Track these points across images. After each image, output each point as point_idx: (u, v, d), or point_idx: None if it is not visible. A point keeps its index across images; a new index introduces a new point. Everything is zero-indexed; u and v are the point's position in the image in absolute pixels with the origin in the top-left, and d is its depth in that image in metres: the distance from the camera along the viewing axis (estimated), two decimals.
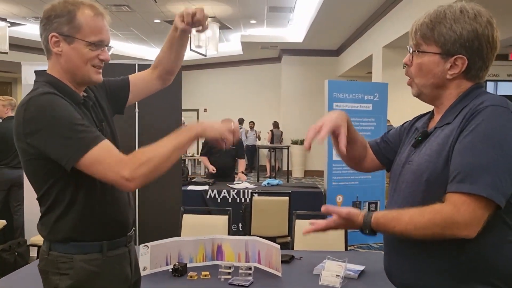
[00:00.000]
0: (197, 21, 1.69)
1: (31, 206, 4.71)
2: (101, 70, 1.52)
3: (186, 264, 2.40)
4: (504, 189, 1.13)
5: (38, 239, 4.07)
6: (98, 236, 1.47)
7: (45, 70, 1.50)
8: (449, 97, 1.34)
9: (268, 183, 5.87)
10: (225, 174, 6.00)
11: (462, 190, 1.13)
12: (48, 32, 1.43)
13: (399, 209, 1.31)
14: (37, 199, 1.46)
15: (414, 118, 1.57)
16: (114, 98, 1.73)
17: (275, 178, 11.42)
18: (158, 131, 4.46)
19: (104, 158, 1.33)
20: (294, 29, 11.30)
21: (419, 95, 1.40)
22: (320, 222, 1.38)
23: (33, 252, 4.36)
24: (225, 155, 5.89)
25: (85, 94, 1.56)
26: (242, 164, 6.20)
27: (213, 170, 5.91)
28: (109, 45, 1.52)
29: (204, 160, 6.09)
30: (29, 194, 4.72)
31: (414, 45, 1.35)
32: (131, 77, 1.81)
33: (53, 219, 1.43)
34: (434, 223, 1.16)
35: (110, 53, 1.52)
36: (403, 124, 1.61)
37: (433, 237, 1.18)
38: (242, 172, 6.14)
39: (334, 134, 1.44)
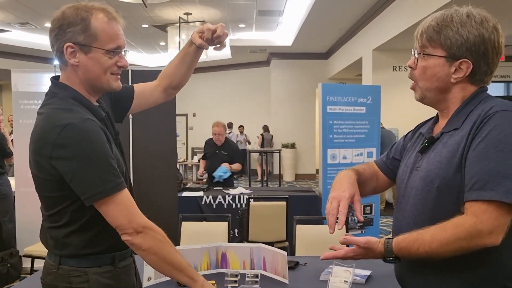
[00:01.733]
0: (216, 38, 1.64)
1: (23, 217, 4.62)
2: (119, 77, 1.47)
3: None
4: None
5: (32, 249, 3.99)
6: (111, 248, 1.43)
7: (55, 79, 1.45)
8: (454, 100, 1.33)
9: (219, 176, 5.66)
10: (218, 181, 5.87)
11: (483, 198, 1.13)
12: (62, 43, 1.36)
13: (410, 214, 1.30)
14: (48, 215, 1.41)
15: (417, 126, 1.56)
16: (117, 106, 1.68)
17: (266, 182, 11.46)
18: (151, 136, 4.45)
19: (126, 204, 1.33)
20: (283, 33, 11.32)
21: (422, 99, 1.38)
22: (339, 252, 1.35)
23: (26, 263, 4.26)
24: (218, 160, 5.80)
25: (97, 104, 1.51)
26: (235, 165, 5.98)
27: (201, 173, 5.83)
28: (126, 49, 1.47)
29: (201, 163, 6.06)
30: (21, 204, 4.63)
31: (419, 47, 1.35)
32: (136, 86, 1.76)
33: (65, 233, 1.39)
34: (458, 237, 1.15)
35: (126, 57, 1.47)
36: (406, 135, 1.60)
37: (461, 252, 1.16)
38: (231, 168, 5.81)
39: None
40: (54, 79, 1.45)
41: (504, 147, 1.14)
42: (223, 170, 5.67)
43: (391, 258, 1.26)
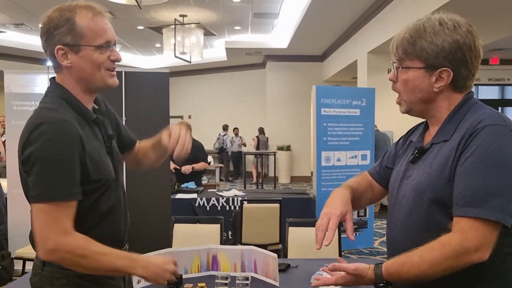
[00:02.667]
0: (180, 142, 1.56)
1: (15, 218, 4.59)
2: (115, 73, 1.46)
3: (182, 275, 2.33)
4: (510, 209, 1.12)
5: (24, 251, 3.97)
6: None
7: (54, 79, 1.45)
8: (440, 109, 1.33)
9: (186, 186, 5.72)
10: (186, 179, 5.85)
11: (469, 215, 1.13)
12: (52, 46, 1.37)
13: (403, 223, 1.31)
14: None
15: (408, 131, 1.55)
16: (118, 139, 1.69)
17: (261, 184, 11.45)
18: (145, 138, 4.42)
19: (55, 218, 1.27)
20: (279, 35, 11.33)
21: (408, 112, 1.39)
22: (329, 279, 1.33)
23: (18, 265, 4.24)
24: (184, 161, 5.73)
25: (96, 107, 1.52)
26: (200, 164, 5.94)
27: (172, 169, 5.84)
28: (116, 43, 1.46)
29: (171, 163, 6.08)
30: (13, 206, 4.60)
31: (397, 60, 1.34)
32: (138, 143, 1.80)
33: None
34: (446, 256, 1.15)
35: (118, 50, 1.46)
36: (397, 141, 1.60)
37: (450, 271, 1.16)
38: (194, 168, 5.83)
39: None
40: (52, 79, 1.45)
41: (491, 163, 1.14)
42: (190, 184, 5.74)
43: (382, 284, 1.25)
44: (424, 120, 1.45)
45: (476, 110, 1.27)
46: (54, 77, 1.46)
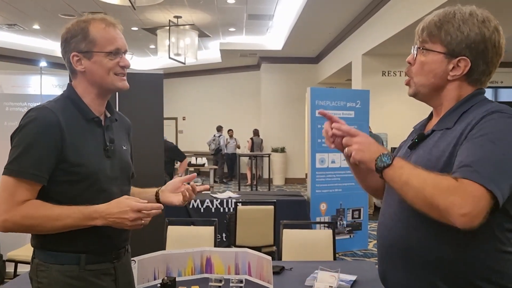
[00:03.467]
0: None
1: None
2: (125, 78, 1.59)
3: (175, 278, 2.32)
4: (505, 189, 1.10)
5: (15, 254, 3.94)
6: (77, 248, 1.47)
7: (70, 84, 1.59)
8: (448, 98, 1.32)
9: None
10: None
11: (470, 177, 1.08)
12: (68, 54, 1.52)
13: (396, 210, 1.30)
14: None
15: (414, 126, 1.54)
16: None
17: (256, 186, 11.43)
18: (138, 140, 4.40)
19: (11, 192, 1.38)
20: (273, 37, 11.33)
21: (415, 95, 1.38)
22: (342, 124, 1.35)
23: (10, 268, 4.19)
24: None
25: (109, 115, 1.64)
26: (184, 164, 6.09)
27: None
28: (128, 52, 1.59)
29: None
30: None
31: (419, 42, 1.34)
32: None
33: None
34: (437, 183, 1.10)
35: (130, 59, 1.60)
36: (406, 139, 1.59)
37: (429, 204, 1.11)
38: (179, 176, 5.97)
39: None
40: (69, 84, 1.60)
41: (497, 139, 1.13)
42: None
43: (385, 158, 1.19)
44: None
45: (483, 104, 1.27)
46: (69, 84, 1.60)
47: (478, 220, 1.07)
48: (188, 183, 1.76)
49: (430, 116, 1.43)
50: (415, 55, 1.35)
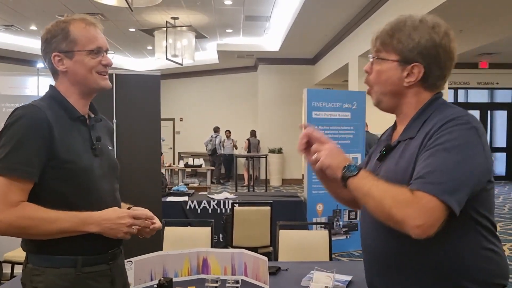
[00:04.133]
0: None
1: None
2: (107, 76, 1.58)
3: (172, 278, 2.33)
4: (460, 198, 1.15)
5: (12, 255, 3.93)
6: (73, 251, 1.44)
7: (52, 85, 1.57)
8: (408, 105, 1.36)
9: (177, 189, 5.79)
10: None
11: (424, 189, 1.14)
12: (49, 54, 1.51)
13: (372, 220, 1.31)
14: None
15: (381, 135, 1.59)
16: None
17: (253, 187, 11.45)
18: (136, 141, 4.43)
19: (3, 191, 1.34)
20: (270, 38, 11.36)
21: (378, 104, 1.42)
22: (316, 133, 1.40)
23: (7, 269, 4.19)
24: None
25: (92, 115, 1.62)
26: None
27: None
28: (109, 50, 1.58)
29: None
30: None
31: (374, 52, 1.38)
32: None
33: None
34: (395, 195, 1.17)
35: (112, 58, 1.58)
36: (372, 148, 1.63)
37: (387, 214, 1.17)
38: None
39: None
40: (51, 85, 1.58)
41: (452, 149, 1.17)
42: (181, 187, 5.87)
43: (352, 168, 1.25)
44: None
45: (443, 109, 1.30)
46: (52, 85, 1.58)
47: (433, 230, 1.13)
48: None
49: (395, 125, 1.46)
50: (372, 64, 1.39)
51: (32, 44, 11.17)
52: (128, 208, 1.67)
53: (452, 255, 1.23)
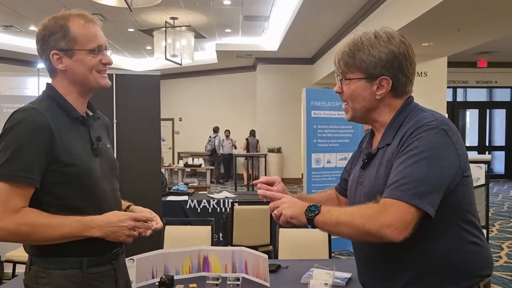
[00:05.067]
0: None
1: None
2: (106, 75, 1.55)
3: (173, 276, 2.36)
4: (432, 200, 1.21)
5: (13, 254, 3.95)
6: (78, 252, 1.43)
7: (49, 84, 1.53)
8: (382, 114, 1.41)
9: (177, 189, 5.83)
10: None
11: (392, 196, 1.21)
12: (47, 52, 1.46)
13: None
14: None
15: (360, 141, 1.64)
16: None
17: (252, 186, 11.47)
18: (136, 140, 4.44)
19: (3, 198, 1.32)
20: (269, 38, 11.38)
21: (353, 119, 1.47)
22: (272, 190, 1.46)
23: (8, 268, 4.21)
24: None
25: (90, 113, 1.59)
26: None
27: None
28: (108, 48, 1.55)
29: None
30: None
31: (340, 73, 1.43)
32: None
33: None
34: (363, 214, 1.23)
35: (110, 55, 1.55)
36: (353, 154, 1.68)
37: (362, 233, 1.23)
38: None
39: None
40: (48, 83, 1.54)
41: (421, 155, 1.23)
42: (181, 187, 5.88)
43: (312, 208, 1.29)
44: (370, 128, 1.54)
45: (414, 114, 1.35)
46: (49, 84, 1.54)
47: (406, 232, 1.19)
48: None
49: (372, 133, 1.51)
50: (341, 85, 1.43)
51: (31, 44, 11.08)
52: (128, 206, 1.69)
53: (437, 252, 1.28)
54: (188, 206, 5.35)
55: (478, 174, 5.19)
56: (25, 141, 1.34)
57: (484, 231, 4.95)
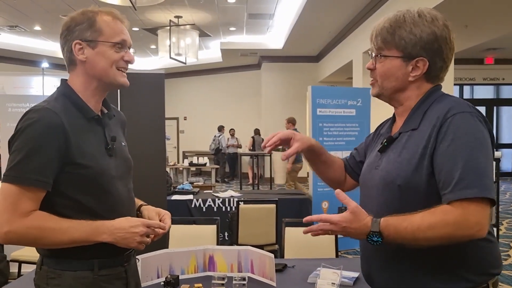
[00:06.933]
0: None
1: None
2: (125, 74, 1.51)
3: (178, 276, 2.33)
4: (493, 190, 1.19)
5: (19, 254, 3.95)
6: (90, 254, 1.40)
7: (65, 80, 1.50)
8: (408, 98, 1.37)
9: (182, 188, 5.82)
10: None
11: (467, 196, 1.16)
12: (70, 42, 1.44)
13: (376, 213, 1.30)
14: None
15: (378, 127, 1.60)
16: None
17: (257, 185, 11.45)
18: (140, 139, 4.42)
19: (14, 201, 1.29)
20: (274, 36, 11.34)
21: (379, 96, 1.43)
22: (325, 215, 1.31)
23: (14, 268, 4.21)
24: None
25: (105, 111, 1.56)
26: None
27: None
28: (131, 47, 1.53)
29: None
30: None
31: (375, 49, 1.38)
32: None
33: None
34: (447, 223, 1.16)
35: (133, 53, 1.53)
36: (369, 136, 1.64)
37: (447, 240, 1.18)
38: None
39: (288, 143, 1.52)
40: (63, 79, 1.51)
41: (474, 146, 1.19)
42: (186, 186, 5.88)
43: (375, 233, 1.21)
44: (390, 118, 1.50)
45: (441, 99, 1.31)
46: (64, 80, 1.50)
47: (487, 225, 1.19)
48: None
49: (394, 119, 1.47)
50: (374, 62, 1.39)
51: (36, 44, 11.22)
52: (140, 206, 1.66)
53: (452, 247, 1.23)
54: (193, 205, 5.33)
55: None
56: (39, 143, 1.31)
57: (494, 229, 4.90)
